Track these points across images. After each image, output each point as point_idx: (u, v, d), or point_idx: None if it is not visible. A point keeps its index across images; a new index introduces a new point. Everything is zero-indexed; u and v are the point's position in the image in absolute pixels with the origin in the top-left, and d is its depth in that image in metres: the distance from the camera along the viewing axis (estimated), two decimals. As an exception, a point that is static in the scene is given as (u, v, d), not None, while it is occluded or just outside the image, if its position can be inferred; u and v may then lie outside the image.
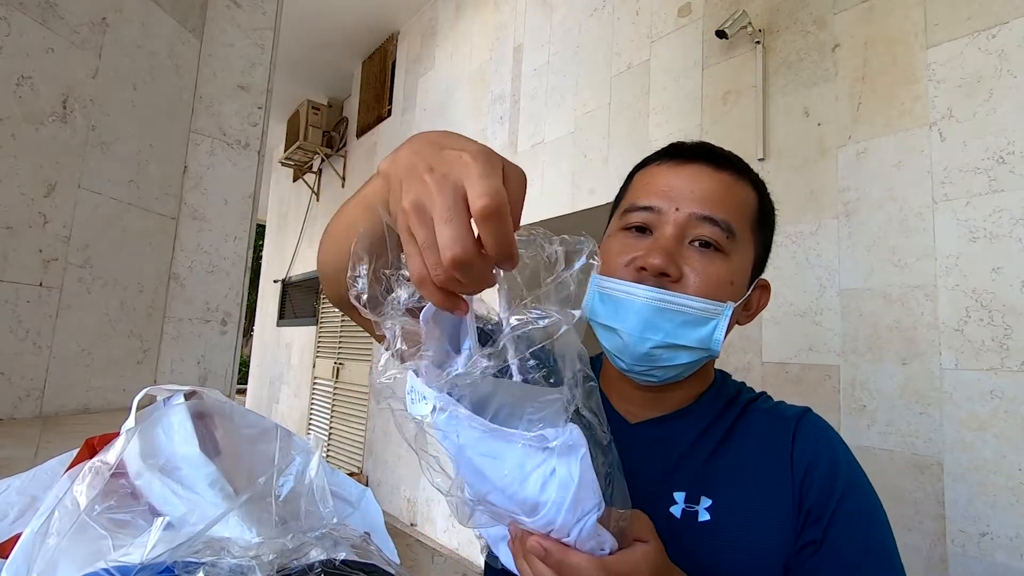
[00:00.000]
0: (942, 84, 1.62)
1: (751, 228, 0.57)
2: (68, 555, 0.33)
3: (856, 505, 0.53)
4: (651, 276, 0.52)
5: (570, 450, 0.34)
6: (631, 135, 2.56)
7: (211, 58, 1.79)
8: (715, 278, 0.53)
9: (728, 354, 1.95)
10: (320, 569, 0.34)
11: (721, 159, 0.58)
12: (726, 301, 0.53)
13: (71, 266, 1.37)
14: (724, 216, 0.54)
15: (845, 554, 0.51)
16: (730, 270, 0.54)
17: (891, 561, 0.51)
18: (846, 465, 0.55)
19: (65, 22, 1.33)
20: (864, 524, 0.52)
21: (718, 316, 0.53)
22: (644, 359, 0.54)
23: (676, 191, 0.55)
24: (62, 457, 0.44)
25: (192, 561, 0.31)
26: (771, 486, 0.53)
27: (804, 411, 0.59)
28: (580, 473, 0.34)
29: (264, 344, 6.76)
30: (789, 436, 0.55)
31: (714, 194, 0.54)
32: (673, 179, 0.56)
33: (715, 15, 2.23)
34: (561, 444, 0.34)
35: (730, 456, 0.56)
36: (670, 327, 0.52)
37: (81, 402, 1.41)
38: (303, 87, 5.65)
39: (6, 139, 1.21)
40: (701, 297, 0.52)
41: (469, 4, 3.90)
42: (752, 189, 0.59)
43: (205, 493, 0.37)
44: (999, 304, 1.46)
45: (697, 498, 0.53)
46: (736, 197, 0.56)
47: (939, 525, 1.49)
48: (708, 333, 0.53)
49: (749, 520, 0.52)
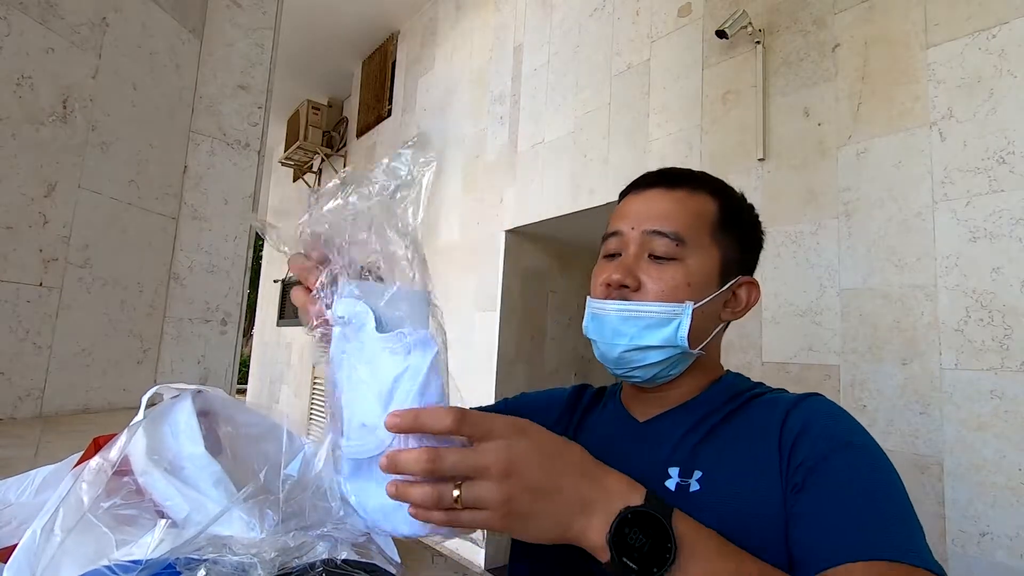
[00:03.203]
0: (942, 84, 1.62)
1: (710, 232, 0.64)
2: (72, 553, 0.33)
3: (851, 457, 0.51)
4: (614, 289, 0.61)
5: (424, 346, 0.42)
6: (631, 135, 2.56)
7: (211, 58, 1.79)
8: (671, 283, 0.61)
9: (728, 354, 1.95)
10: (322, 568, 0.35)
11: (676, 179, 0.66)
12: (684, 302, 0.60)
13: (71, 266, 1.37)
14: (673, 228, 0.62)
15: (826, 490, 0.49)
16: (686, 274, 0.61)
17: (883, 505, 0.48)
18: (846, 433, 0.54)
19: (65, 22, 1.33)
20: (855, 471, 0.50)
21: (679, 316, 0.60)
22: (619, 362, 0.62)
23: (634, 214, 0.64)
24: (72, 457, 0.44)
25: (194, 558, 0.32)
26: (760, 458, 0.55)
27: (808, 394, 0.60)
28: (428, 368, 0.41)
29: (264, 344, 6.76)
30: (783, 415, 0.57)
31: (665, 211, 0.63)
32: (634, 205, 0.66)
33: (715, 15, 2.23)
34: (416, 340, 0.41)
35: (726, 436, 0.60)
36: (634, 331, 0.60)
37: (81, 402, 1.40)
38: (303, 87, 5.65)
39: (6, 139, 1.21)
40: (659, 302, 0.60)
41: (469, 4, 3.90)
42: (711, 198, 0.65)
43: (209, 492, 0.37)
44: (999, 304, 1.46)
45: (690, 472, 0.57)
46: (688, 208, 0.64)
47: (939, 525, 1.49)
48: (672, 332, 0.60)
49: (736, 488, 0.54)
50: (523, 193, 3.17)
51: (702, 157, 2.22)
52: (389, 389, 0.41)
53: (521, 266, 3.35)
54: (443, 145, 3.95)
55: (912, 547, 0.44)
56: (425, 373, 0.41)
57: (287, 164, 6.07)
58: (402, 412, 0.39)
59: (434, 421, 0.39)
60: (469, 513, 0.40)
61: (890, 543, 0.44)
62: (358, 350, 0.42)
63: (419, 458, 0.39)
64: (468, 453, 0.40)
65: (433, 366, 0.42)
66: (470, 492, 0.39)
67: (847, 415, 0.57)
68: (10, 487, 0.44)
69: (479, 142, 3.58)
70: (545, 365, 3.48)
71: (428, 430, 0.39)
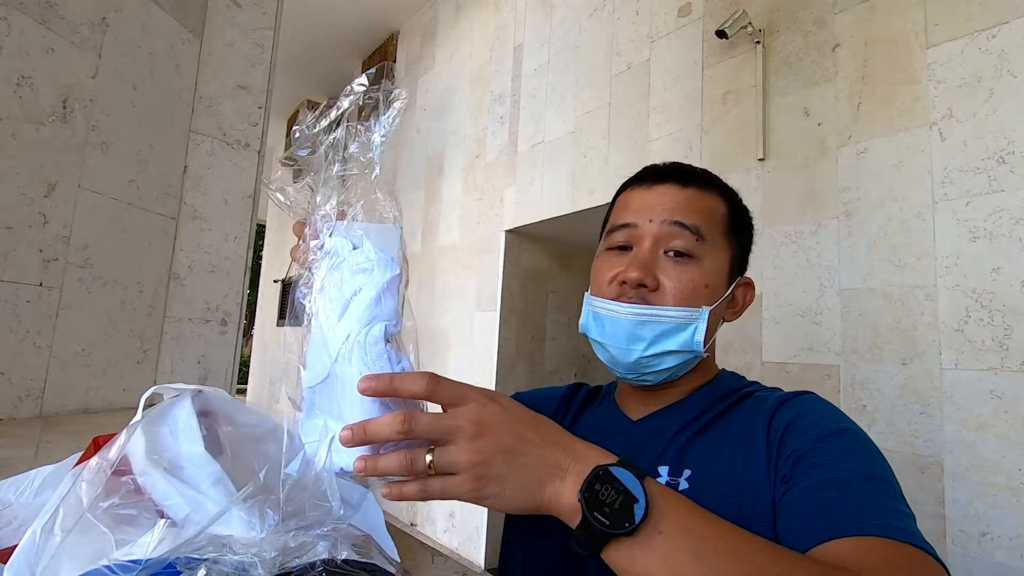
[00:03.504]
0: (942, 84, 1.62)
1: (722, 232, 0.63)
2: (72, 552, 0.33)
3: (839, 443, 0.50)
4: (631, 288, 0.59)
5: (385, 265, 0.44)
6: (631, 135, 2.56)
7: (211, 58, 1.79)
8: (690, 285, 0.59)
9: (728, 354, 1.95)
10: (322, 568, 0.34)
11: (687, 176, 0.64)
12: (701, 306, 0.59)
13: (71, 266, 1.37)
14: (693, 221, 0.60)
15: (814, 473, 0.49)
16: (704, 274, 0.60)
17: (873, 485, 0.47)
18: (833, 423, 0.53)
19: (65, 22, 1.33)
20: (843, 454, 0.49)
21: (696, 320, 0.59)
22: (633, 368, 0.60)
23: (649, 207, 0.62)
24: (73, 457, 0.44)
25: (194, 558, 0.32)
26: (749, 455, 0.55)
27: (797, 392, 0.60)
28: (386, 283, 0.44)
29: (264, 344, 6.76)
30: (771, 411, 0.57)
31: (683, 204, 0.61)
32: (646, 198, 0.63)
33: (715, 15, 2.23)
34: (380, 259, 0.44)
35: (715, 434, 0.59)
36: (652, 336, 0.58)
37: (81, 402, 1.40)
38: (303, 87, 5.65)
39: (6, 139, 1.21)
40: (678, 305, 0.58)
41: (469, 4, 3.90)
42: (720, 198, 0.65)
43: (209, 491, 0.37)
44: (999, 304, 1.46)
45: (680, 471, 0.57)
46: (703, 205, 0.62)
47: (939, 525, 1.49)
48: (689, 337, 0.58)
49: (721, 489, 0.54)
50: (523, 193, 3.17)
51: (702, 157, 2.22)
52: (347, 300, 0.43)
53: (521, 266, 3.35)
54: (443, 145, 3.95)
55: (901, 525, 0.44)
56: (381, 287, 0.43)
57: (287, 164, 6.06)
58: (376, 375, 0.40)
59: (408, 384, 0.39)
60: (440, 480, 0.40)
61: (879, 521, 0.43)
62: (336, 280, 0.44)
63: (392, 421, 0.38)
64: (442, 416, 0.40)
65: (391, 283, 0.44)
66: (442, 456, 0.39)
67: (836, 409, 0.57)
68: (9, 487, 0.44)
69: (479, 142, 3.58)
70: (545, 365, 3.49)
71: (402, 393, 0.39)
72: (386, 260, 0.44)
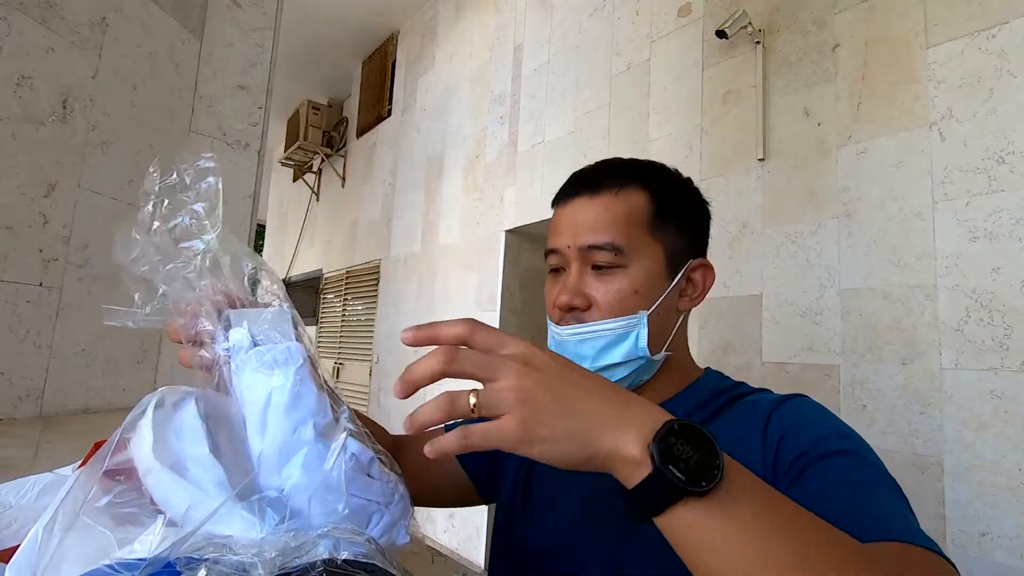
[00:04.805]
0: (942, 84, 1.62)
1: (647, 230, 0.61)
2: (73, 552, 0.33)
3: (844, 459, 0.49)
4: (566, 313, 0.60)
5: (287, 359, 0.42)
6: (631, 135, 2.56)
7: (211, 58, 1.79)
8: (618, 296, 0.59)
9: (728, 354, 1.95)
10: (322, 568, 0.34)
11: (597, 182, 0.62)
12: (637, 311, 0.59)
13: (71, 266, 1.37)
14: (606, 238, 0.59)
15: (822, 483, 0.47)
16: (631, 281, 0.59)
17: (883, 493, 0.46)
18: (834, 434, 0.52)
19: (65, 22, 1.33)
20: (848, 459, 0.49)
21: (635, 327, 0.59)
22: None
23: (566, 228, 0.62)
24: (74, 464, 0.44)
25: (195, 558, 0.32)
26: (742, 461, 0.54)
27: (790, 396, 0.59)
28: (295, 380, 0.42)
29: (264, 344, 6.75)
30: (765, 416, 0.56)
31: (593, 221, 0.60)
32: (563, 217, 0.63)
33: (715, 15, 2.23)
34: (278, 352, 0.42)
35: None
36: (594, 353, 0.59)
37: (81, 402, 1.40)
38: (303, 87, 5.65)
39: (6, 139, 1.21)
40: (612, 317, 0.58)
41: (469, 4, 3.90)
42: (641, 191, 0.62)
43: (212, 493, 0.37)
44: (999, 304, 1.46)
45: None
46: (618, 212, 0.60)
47: (939, 525, 1.49)
48: (632, 345, 0.59)
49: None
50: (523, 193, 3.17)
51: (702, 157, 2.22)
52: (262, 409, 0.42)
53: (521, 266, 3.35)
54: (443, 145, 3.95)
55: (917, 529, 0.43)
56: (292, 386, 0.41)
57: (287, 164, 6.07)
58: (416, 326, 0.38)
59: (448, 328, 0.38)
60: (483, 425, 0.36)
61: (895, 526, 0.43)
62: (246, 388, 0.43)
63: (436, 353, 0.36)
64: (486, 354, 0.38)
65: (301, 378, 0.42)
66: (487, 395, 0.36)
67: (831, 414, 0.56)
68: (10, 491, 0.44)
69: (479, 142, 3.58)
70: (545, 365, 3.48)
71: (443, 339, 0.38)
72: (284, 351, 0.42)
